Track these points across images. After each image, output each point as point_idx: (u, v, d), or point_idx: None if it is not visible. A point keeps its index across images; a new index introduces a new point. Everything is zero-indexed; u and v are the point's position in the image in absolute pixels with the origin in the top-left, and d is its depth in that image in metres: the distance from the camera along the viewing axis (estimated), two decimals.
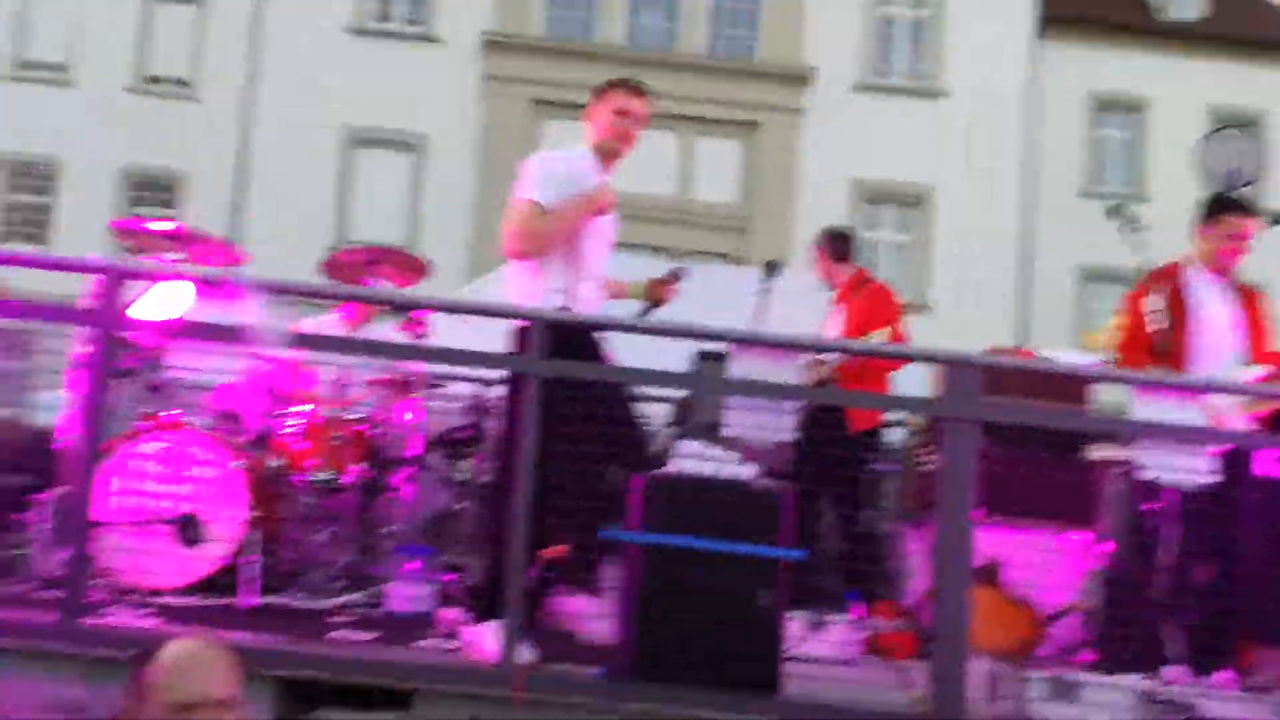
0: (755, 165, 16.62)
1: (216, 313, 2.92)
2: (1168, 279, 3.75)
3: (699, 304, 3.63)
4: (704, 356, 3.06)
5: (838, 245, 4.91)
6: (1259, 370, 3.68)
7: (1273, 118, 16.93)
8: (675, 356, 3.10)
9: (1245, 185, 4.20)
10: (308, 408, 3.97)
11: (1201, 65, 18.32)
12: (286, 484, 3.79)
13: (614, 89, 3.50)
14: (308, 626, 3.15)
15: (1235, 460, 3.44)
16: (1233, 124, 4.82)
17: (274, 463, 3.84)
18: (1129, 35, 18.49)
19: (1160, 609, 3.40)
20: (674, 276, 3.61)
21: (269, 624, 3.06)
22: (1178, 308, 3.69)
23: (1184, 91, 18.08)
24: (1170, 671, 3.18)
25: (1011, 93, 17.32)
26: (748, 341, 3.07)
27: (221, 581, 3.31)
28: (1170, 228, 3.66)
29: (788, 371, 3.09)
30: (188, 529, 3.24)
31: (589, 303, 3.34)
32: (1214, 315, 3.74)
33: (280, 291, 3.16)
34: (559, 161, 3.43)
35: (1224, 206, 3.85)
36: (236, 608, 3.26)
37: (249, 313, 2.89)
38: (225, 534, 3.34)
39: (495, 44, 17.03)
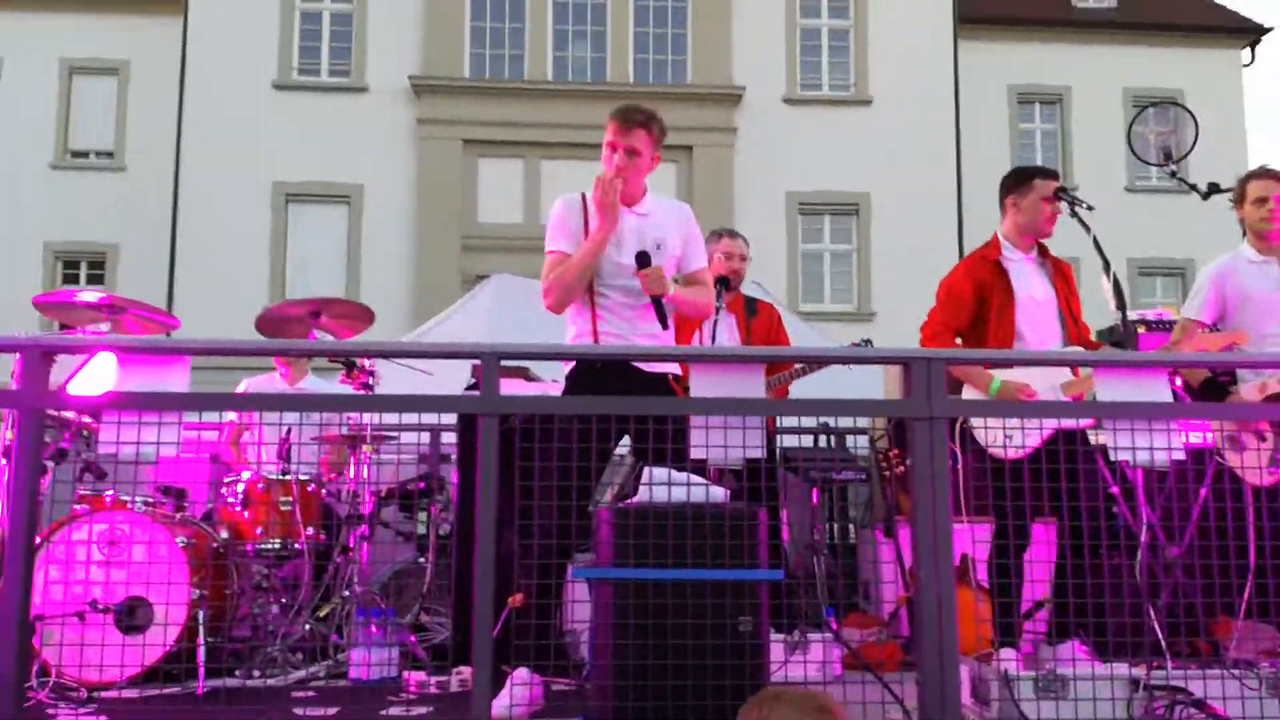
0: (692, 186, 16.66)
1: (150, 381, 2.78)
2: (986, 261, 3.77)
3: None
4: None
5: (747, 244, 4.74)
6: (1077, 351, 3.69)
7: (1188, 99, 17.34)
8: None
9: (1179, 161, 4.22)
10: (249, 475, 3.82)
11: (1117, 52, 18.78)
12: (235, 556, 3.63)
13: (611, 118, 3.43)
14: (266, 707, 2.99)
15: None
16: (1161, 102, 4.86)
17: (221, 535, 3.68)
18: (1045, 28, 18.91)
19: (1137, 592, 3.37)
20: (640, 262, 3.30)
21: (224, 709, 2.90)
22: (998, 291, 3.69)
23: (1102, 79, 18.51)
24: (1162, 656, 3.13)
25: (935, 94, 17.57)
26: (706, 359, 2.99)
27: (172, 668, 3.13)
28: (1096, 212, 3.66)
29: (748, 387, 3.01)
30: (131, 615, 3.07)
31: (617, 337, 3.28)
32: (1034, 296, 3.73)
33: (222, 352, 3.03)
34: (562, 208, 3.42)
35: (1033, 173, 3.85)
36: (189, 695, 3.09)
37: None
38: (171, 617, 3.18)
39: (423, 87, 16.94)
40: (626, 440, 3.34)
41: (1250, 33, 19.28)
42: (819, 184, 17.22)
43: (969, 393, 3.73)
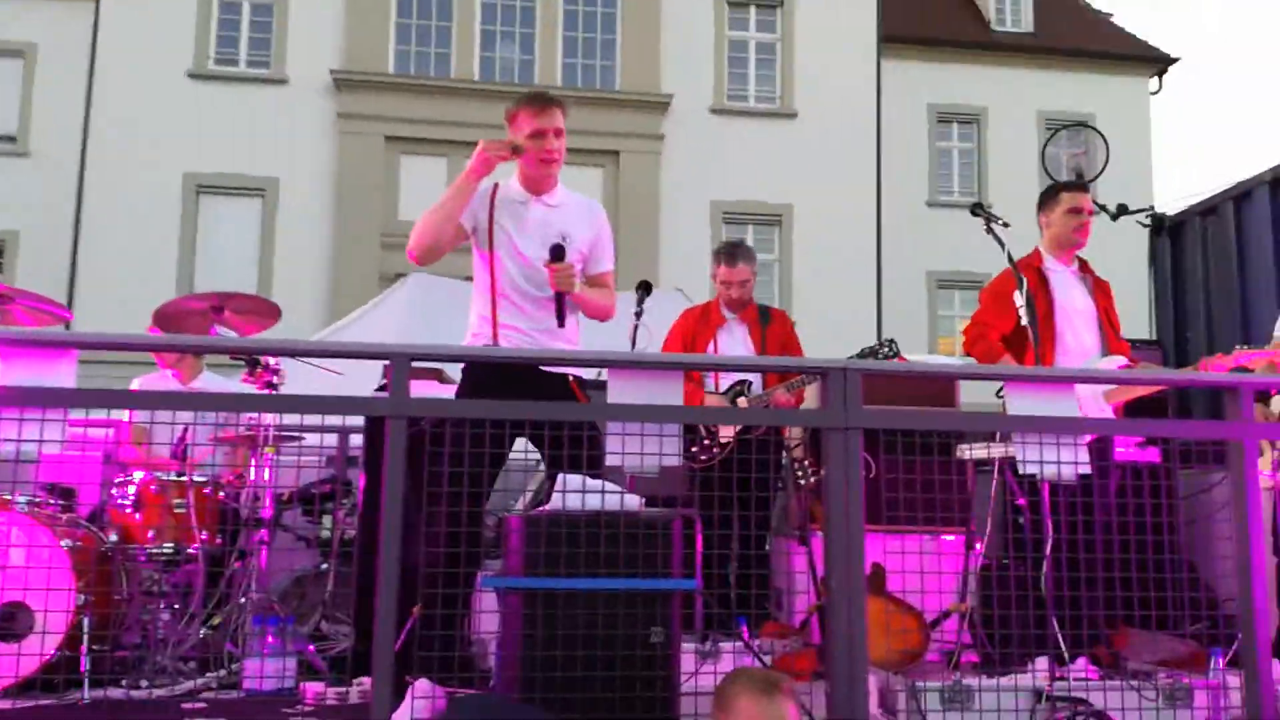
0: (618, 192, 16.65)
1: (34, 376, 2.62)
2: (1030, 269, 3.82)
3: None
4: None
5: (752, 260, 4.76)
6: (1119, 360, 3.77)
7: (1099, 123, 17.95)
8: None
9: (1090, 181, 4.35)
10: (141, 475, 3.64)
11: (1032, 75, 19.37)
12: (124, 560, 3.46)
13: (519, 108, 3.30)
14: (154, 719, 2.84)
15: (1102, 450, 3.50)
16: (1074, 124, 5.01)
17: (110, 538, 3.50)
18: (964, 50, 19.40)
19: (1042, 603, 3.41)
20: (554, 254, 3.23)
21: None
22: (1041, 298, 3.76)
23: (1017, 101, 19.06)
24: (1063, 666, 3.17)
25: (858, 110, 17.89)
26: (630, 365, 2.93)
27: (52, 678, 2.96)
28: (1010, 231, 3.74)
29: (668, 393, 2.96)
30: (9, 622, 2.89)
31: (518, 335, 3.21)
32: (1075, 305, 3.83)
33: (114, 347, 2.88)
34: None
35: (1058, 188, 4.01)
36: (70, 706, 2.92)
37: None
38: (52, 624, 3.00)
39: (345, 82, 16.62)
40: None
41: (1159, 62, 20.06)
42: (743, 194, 17.38)
43: None
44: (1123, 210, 4.99)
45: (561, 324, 3.23)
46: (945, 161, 19.30)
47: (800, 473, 4.62)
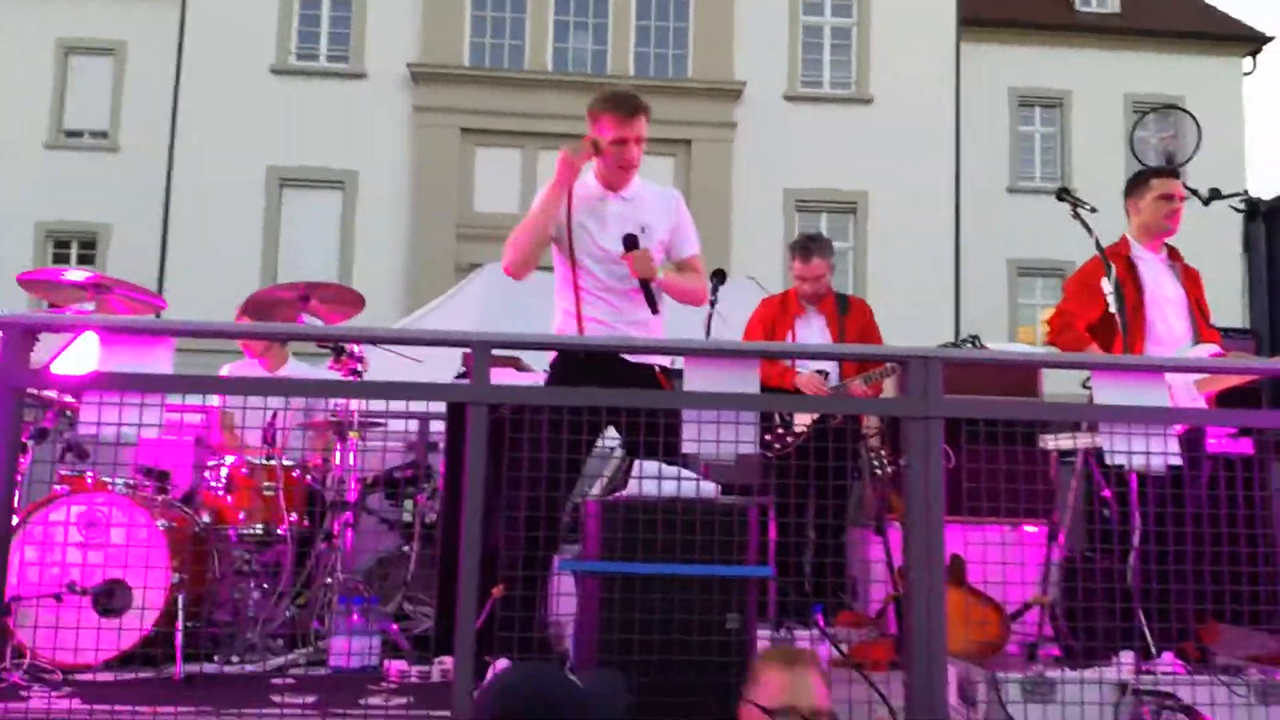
0: (690, 181, 16.61)
1: (133, 362, 2.72)
2: (1118, 257, 3.73)
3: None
4: None
5: (829, 253, 4.75)
6: (1211, 348, 3.66)
7: (1189, 105, 17.35)
8: None
9: (1181, 165, 4.20)
10: (233, 459, 3.76)
11: (1119, 57, 18.77)
12: (216, 541, 3.58)
13: (604, 112, 3.31)
14: (245, 694, 2.94)
15: (1193, 440, 3.41)
16: (1163, 106, 4.85)
17: (203, 519, 3.63)
18: (1047, 31, 18.89)
19: (1128, 596, 3.33)
20: (627, 244, 3.24)
21: (202, 695, 2.85)
22: (1130, 287, 3.67)
23: (1103, 84, 18.50)
24: (1150, 660, 3.10)
25: (936, 94, 17.55)
26: (706, 352, 2.93)
27: (149, 652, 3.09)
28: (1095, 217, 3.64)
29: (745, 381, 2.96)
30: (109, 598, 3.02)
31: (603, 328, 3.24)
32: (1165, 293, 3.72)
33: (208, 334, 2.98)
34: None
35: (1148, 173, 3.89)
36: (165, 679, 3.04)
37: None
38: (150, 601, 3.13)
39: (422, 75, 16.87)
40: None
41: (1252, 41, 19.29)
42: (817, 181, 17.20)
43: None
44: (1215, 195, 4.80)
45: (655, 311, 3.24)
46: (1027, 147, 18.83)
47: (876, 463, 4.58)
